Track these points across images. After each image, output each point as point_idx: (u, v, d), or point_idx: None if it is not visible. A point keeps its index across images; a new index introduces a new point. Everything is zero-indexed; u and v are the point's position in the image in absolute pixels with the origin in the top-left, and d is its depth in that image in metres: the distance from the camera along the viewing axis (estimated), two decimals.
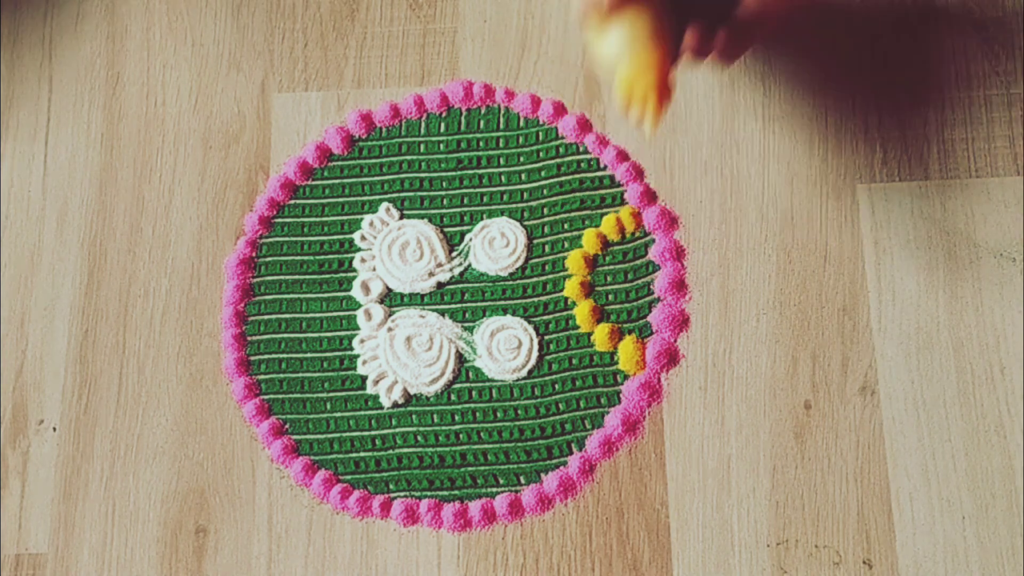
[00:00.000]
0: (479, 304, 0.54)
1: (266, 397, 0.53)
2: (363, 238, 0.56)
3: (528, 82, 0.57)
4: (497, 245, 0.55)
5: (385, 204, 0.56)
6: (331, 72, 0.58)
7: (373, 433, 0.53)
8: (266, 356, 0.54)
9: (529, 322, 0.54)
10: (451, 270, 0.55)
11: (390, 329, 0.54)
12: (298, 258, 0.56)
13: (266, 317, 0.55)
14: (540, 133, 0.56)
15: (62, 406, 0.54)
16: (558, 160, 0.56)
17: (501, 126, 0.57)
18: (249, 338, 0.54)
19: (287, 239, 0.56)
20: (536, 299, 0.54)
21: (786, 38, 0.53)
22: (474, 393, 0.53)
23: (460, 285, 0.55)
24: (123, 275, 0.56)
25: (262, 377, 0.54)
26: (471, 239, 0.55)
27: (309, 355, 0.54)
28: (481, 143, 0.57)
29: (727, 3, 0.45)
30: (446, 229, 0.56)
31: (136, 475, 0.53)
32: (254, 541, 0.51)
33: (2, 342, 0.55)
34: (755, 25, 0.45)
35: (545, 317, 0.54)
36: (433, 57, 0.58)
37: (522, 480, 0.52)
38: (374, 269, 0.55)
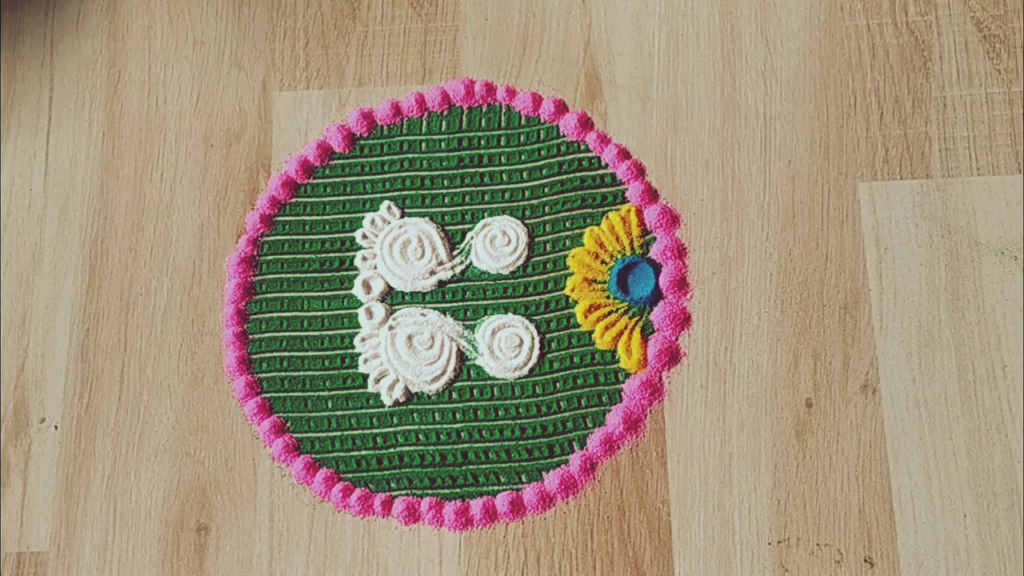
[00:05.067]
0: (480, 302, 0.54)
1: (267, 395, 0.53)
2: (364, 236, 0.56)
3: (529, 80, 0.57)
4: (498, 243, 0.55)
5: (386, 202, 0.56)
6: (332, 70, 0.58)
7: (374, 431, 0.53)
8: (267, 354, 0.54)
9: (530, 320, 0.54)
10: (452, 268, 0.55)
11: (391, 327, 0.54)
12: (299, 256, 0.56)
13: (267, 315, 0.55)
14: (541, 131, 0.56)
15: (63, 404, 0.54)
16: (559, 158, 0.56)
17: (502, 124, 0.57)
18: (250, 336, 0.54)
19: (288, 237, 0.56)
20: (537, 297, 0.54)
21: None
22: (475, 391, 0.53)
23: (461, 283, 0.55)
24: (124, 273, 0.56)
25: (263, 375, 0.54)
26: (472, 237, 0.55)
27: (310, 353, 0.54)
28: (482, 141, 0.57)
29: None
30: (447, 227, 0.56)
31: (138, 473, 0.53)
32: (255, 539, 0.51)
33: (4, 340, 0.55)
34: None
35: (546, 315, 0.54)
36: (434, 55, 0.58)
37: (523, 478, 0.52)
38: (375, 267, 0.55)
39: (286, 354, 0.54)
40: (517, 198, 0.56)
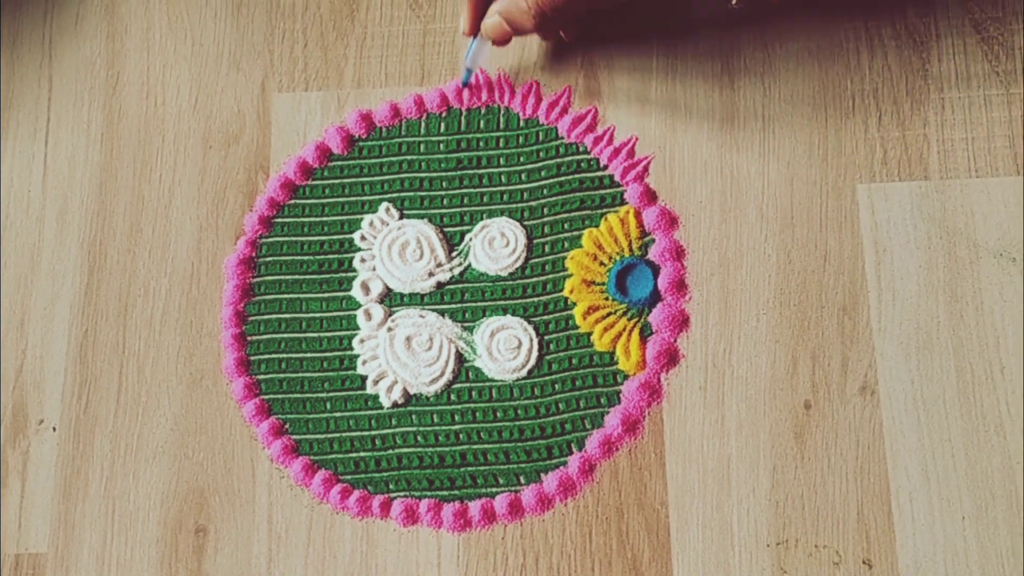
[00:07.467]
0: (479, 304, 0.54)
1: (266, 397, 0.53)
2: (363, 238, 0.56)
3: (528, 82, 0.57)
4: (497, 245, 0.55)
5: (385, 204, 0.56)
6: (331, 72, 0.58)
7: (373, 433, 0.53)
8: (266, 356, 0.54)
9: (529, 322, 0.54)
10: (451, 270, 0.55)
11: (390, 329, 0.54)
12: (298, 258, 0.56)
13: (266, 317, 0.55)
14: (540, 133, 0.56)
15: (62, 406, 0.54)
16: (558, 160, 0.56)
17: (501, 126, 0.57)
18: (249, 338, 0.54)
19: (287, 239, 0.56)
20: (536, 299, 0.54)
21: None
22: (474, 393, 0.53)
23: (460, 285, 0.55)
24: (123, 275, 0.56)
25: (262, 377, 0.54)
26: (471, 239, 0.55)
27: (309, 355, 0.54)
28: (481, 143, 0.57)
29: None
30: (446, 229, 0.56)
31: (136, 475, 0.53)
32: (254, 541, 0.51)
33: (2, 342, 0.55)
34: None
35: (545, 317, 0.54)
36: (433, 57, 0.58)
37: (522, 480, 0.52)
38: (374, 269, 0.55)
39: (285, 356, 0.54)
40: (516, 200, 0.56)
